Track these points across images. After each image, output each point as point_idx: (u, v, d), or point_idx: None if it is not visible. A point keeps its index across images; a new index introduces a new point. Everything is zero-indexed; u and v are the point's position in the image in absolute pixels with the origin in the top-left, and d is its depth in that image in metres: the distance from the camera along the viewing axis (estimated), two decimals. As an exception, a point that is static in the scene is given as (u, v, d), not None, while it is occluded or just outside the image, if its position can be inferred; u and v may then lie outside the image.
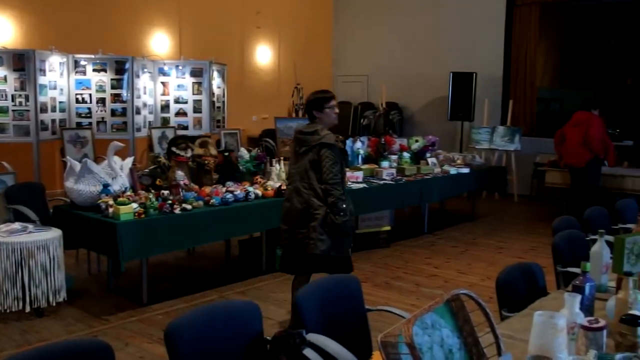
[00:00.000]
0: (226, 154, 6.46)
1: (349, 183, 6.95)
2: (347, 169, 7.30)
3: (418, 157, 8.22)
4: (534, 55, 11.45)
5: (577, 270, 2.65)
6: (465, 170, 8.36)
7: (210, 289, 5.84)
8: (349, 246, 4.61)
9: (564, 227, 4.26)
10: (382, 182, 7.20)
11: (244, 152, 6.59)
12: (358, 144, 7.90)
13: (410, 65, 12.32)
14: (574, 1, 11.75)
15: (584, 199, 7.87)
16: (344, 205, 4.29)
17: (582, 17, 13.18)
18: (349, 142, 7.98)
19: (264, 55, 12.21)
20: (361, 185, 6.93)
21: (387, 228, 7.45)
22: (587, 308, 2.53)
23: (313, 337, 2.67)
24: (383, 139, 8.10)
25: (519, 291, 3.14)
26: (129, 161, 5.73)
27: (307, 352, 2.59)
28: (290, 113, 11.28)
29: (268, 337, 2.69)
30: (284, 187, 6.04)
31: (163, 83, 9.27)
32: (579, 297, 2.23)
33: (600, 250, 2.96)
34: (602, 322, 2.21)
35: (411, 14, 12.44)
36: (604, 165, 8.34)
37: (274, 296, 5.63)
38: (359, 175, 7.18)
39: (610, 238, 3.13)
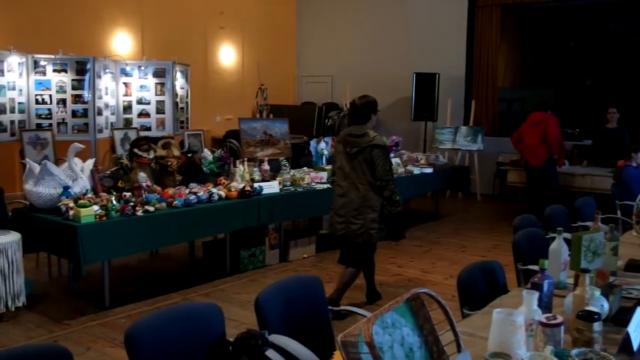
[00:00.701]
0: (189, 155, 6.42)
1: (313, 184, 6.96)
2: (311, 170, 7.34)
3: (382, 157, 8.24)
4: (496, 56, 11.61)
5: (536, 267, 2.69)
6: (429, 170, 8.43)
7: (174, 291, 5.78)
8: (405, 230, 5.35)
9: (525, 225, 4.32)
10: (346, 182, 7.21)
11: (207, 153, 6.56)
12: (322, 145, 7.91)
13: (374, 66, 12.38)
14: (534, 3, 11.93)
15: (543, 197, 8.00)
16: (398, 197, 5.01)
17: (542, 19, 13.42)
18: (312, 142, 8.00)
19: (227, 55, 12.15)
20: (325, 186, 6.94)
21: (352, 228, 7.46)
22: (546, 305, 2.57)
23: (275, 338, 2.67)
24: (347, 140, 8.10)
25: (479, 289, 3.18)
26: (90, 163, 5.65)
27: (269, 353, 2.58)
28: (255, 114, 11.24)
29: (230, 339, 2.67)
30: (248, 188, 6.05)
31: (125, 84, 9.17)
32: (536, 295, 2.26)
33: (558, 248, 3.01)
34: (559, 319, 2.24)
35: (374, 15, 12.50)
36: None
37: (238, 298, 5.60)
38: (324, 175, 7.19)
39: (569, 236, 3.18)
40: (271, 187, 6.37)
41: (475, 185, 10.75)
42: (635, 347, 2.24)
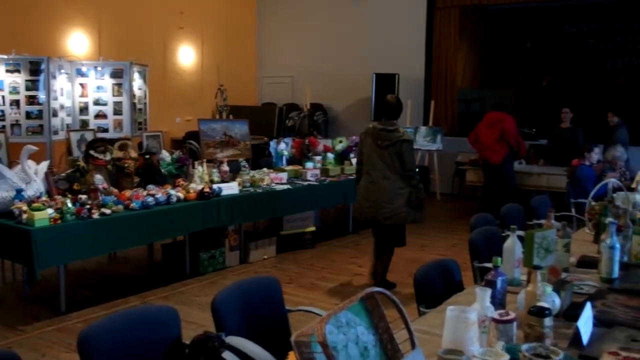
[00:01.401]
0: (147, 156, 6.34)
1: (273, 184, 6.95)
2: (271, 170, 7.33)
3: (342, 157, 8.28)
4: (454, 57, 11.75)
5: (491, 265, 2.72)
6: (389, 170, 8.46)
7: (133, 294, 5.72)
8: (425, 214, 6.03)
9: (481, 224, 4.38)
10: (306, 183, 7.23)
11: (165, 155, 6.49)
12: (282, 146, 7.90)
13: (335, 67, 12.41)
14: (492, 5, 12.10)
15: (501, 196, 8.12)
16: (421, 185, 5.75)
17: (499, 20, 13.62)
18: (272, 143, 7.98)
19: (187, 56, 12.04)
20: (285, 187, 6.93)
21: (312, 229, 7.48)
22: (499, 301, 2.60)
23: (232, 340, 2.65)
24: (307, 140, 8.12)
25: (436, 287, 3.21)
26: (44, 165, 5.54)
27: (226, 354, 2.57)
28: (215, 115, 11.15)
29: (187, 342, 2.65)
30: (206, 189, 6.01)
31: (81, 84, 9.00)
32: (489, 292, 2.29)
33: (512, 245, 3.05)
34: (512, 315, 2.27)
35: (335, 16, 12.53)
36: (518, 161, 8.67)
37: (198, 300, 5.55)
38: (283, 176, 7.18)
39: (523, 233, 3.23)
40: (230, 188, 6.34)
41: (434, 185, 10.86)
42: (584, 341, 2.29)
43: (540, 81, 13.55)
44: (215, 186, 6.18)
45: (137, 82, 9.43)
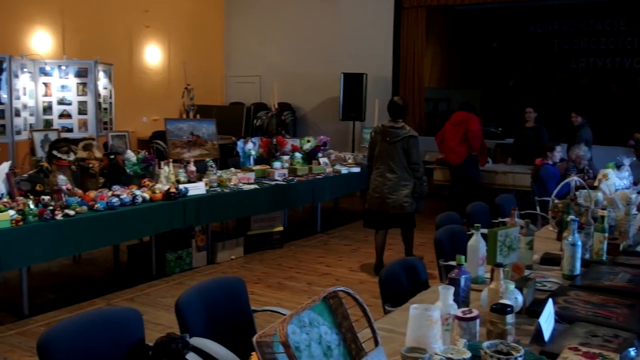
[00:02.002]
0: (112, 156, 6.26)
1: (241, 184, 6.91)
2: (239, 170, 7.29)
3: (310, 157, 8.28)
4: (422, 57, 11.81)
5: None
6: (357, 169, 8.49)
7: (98, 296, 5.65)
8: (424, 206, 6.52)
9: (446, 222, 4.41)
10: (274, 182, 7.20)
11: (130, 155, 6.41)
12: (249, 145, 7.86)
13: (303, 66, 12.40)
14: (458, 5, 12.20)
15: (466, 195, 8.20)
16: (425, 177, 6.36)
17: (466, 20, 13.73)
18: (240, 143, 7.94)
19: (153, 55, 11.92)
20: (253, 187, 6.90)
21: (280, 228, 7.47)
22: (463, 299, 2.63)
23: (196, 341, 2.63)
24: (275, 140, 8.10)
25: (401, 286, 3.22)
26: (5, 166, 5.42)
27: (190, 356, 2.54)
28: (182, 114, 11.05)
29: (150, 344, 2.62)
30: (173, 190, 5.95)
31: (45, 83, 8.86)
32: (452, 290, 2.30)
33: (476, 243, 3.08)
34: (475, 312, 2.29)
35: (302, 15, 12.52)
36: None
37: (164, 301, 5.50)
38: (251, 176, 7.15)
39: (487, 231, 3.26)
40: (197, 189, 6.29)
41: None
42: (546, 337, 2.31)
43: (506, 81, 13.69)
44: (181, 186, 6.12)
45: (102, 81, 9.32)
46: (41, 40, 9.96)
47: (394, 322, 2.61)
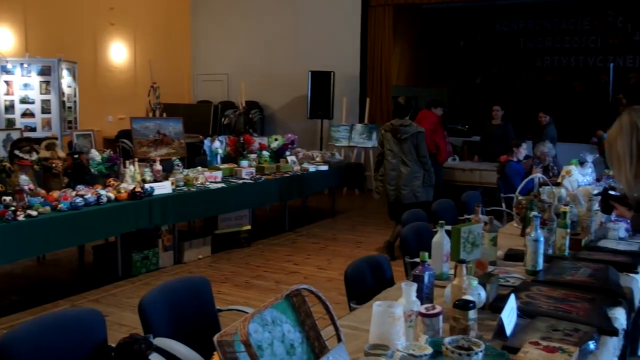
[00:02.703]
0: (76, 156, 6.16)
1: (208, 183, 6.87)
2: (206, 169, 7.24)
3: (278, 155, 8.25)
4: (389, 55, 11.86)
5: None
6: (324, 167, 8.50)
7: (63, 298, 5.57)
8: (432, 194, 6.96)
9: (412, 220, 4.43)
10: (241, 181, 7.16)
11: (95, 154, 6.31)
12: (216, 144, 7.81)
13: (270, 64, 12.37)
14: (425, 4, 12.27)
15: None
16: (432, 169, 7.02)
17: (433, 19, 13.83)
18: (207, 141, 7.89)
19: (118, 53, 11.77)
20: (220, 185, 6.85)
21: (248, 227, 7.44)
22: (427, 296, 2.64)
23: (160, 341, 2.61)
24: (242, 138, 8.06)
25: (367, 283, 3.23)
26: (-35, 166, 5.32)
27: (154, 357, 2.52)
28: (148, 113, 10.95)
29: (112, 345, 2.58)
30: (138, 189, 5.88)
31: (7, 82, 8.70)
32: (414, 286, 2.31)
33: (440, 240, 3.09)
34: (438, 309, 2.30)
35: (270, 13, 12.49)
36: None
37: (130, 302, 5.43)
38: (218, 175, 7.10)
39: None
40: (163, 188, 6.23)
41: (371, 182, 10.94)
42: (508, 332, 2.34)
43: (473, 79, 13.82)
44: (147, 186, 6.05)
45: (66, 80, 9.19)
46: (3, 37, 9.77)
47: (358, 319, 2.61)
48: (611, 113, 9.70)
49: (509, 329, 2.35)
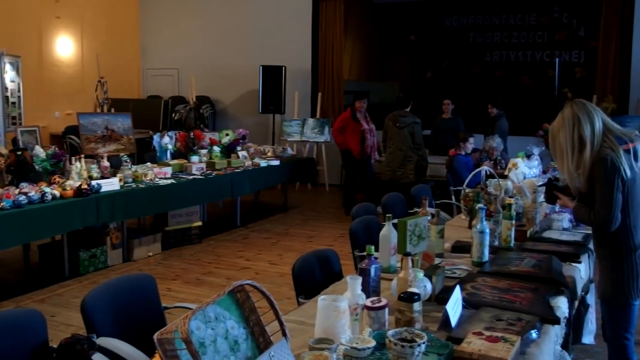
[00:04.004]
0: (19, 152, 5.99)
1: (157, 179, 6.77)
2: (155, 165, 7.13)
3: (229, 150, 8.19)
4: (340, 49, 11.87)
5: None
6: (276, 162, 8.46)
7: (7, 299, 5.42)
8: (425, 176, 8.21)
9: (362, 213, 4.44)
10: (191, 177, 7.08)
11: (39, 151, 6.15)
12: (166, 139, 7.71)
13: (221, 59, 12.26)
14: (376, -2, 12.32)
15: (360, 186, 8.86)
16: (426, 155, 8.29)
17: (383, 14, 13.89)
18: (156, 137, 7.78)
19: (65, 47, 11.49)
20: (169, 181, 6.75)
21: (199, 223, 7.36)
22: (374, 289, 2.64)
23: (103, 341, 2.55)
24: (192, 134, 7.97)
25: (315, 278, 3.22)
26: None
27: (97, 357, 2.47)
28: (96, 108, 10.72)
29: (54, 346, 2.52)
30: (84, 186, 5.75)
31: (-54, 77, 8.41)
32: (359, 280, 2.31)
33: (387, 233, 3.10)
34: (383, 302, 2.31)
35: (220, 6, 12.36)
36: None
37: (77, 302, 5.24)
38: (168, 171, 7.00)
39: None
40: (111, 184, 6.11)
41: (323, 176, 10.97)
42: (453, 323, 2.36)
43: (424, 73, 13.93)
44: (94, 182, 5.92)
45: (10, 74, 8.92)
46: (-58, 31, 9.46)
47: (305, 314, 2.61)
48: (557, 107, 9.91)
49: (454, 320, 2.37)
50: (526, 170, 5.28)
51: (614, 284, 3.07)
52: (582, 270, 3.37)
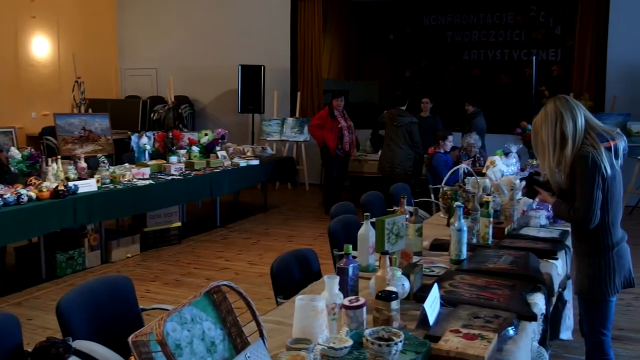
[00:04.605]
0: (-6, 154, 5.92)
1: (135, 180, 6.71)
2: (133, 166, 7.08)
3: (208, 150, 8.14)
4: (319, 49, 11.86)
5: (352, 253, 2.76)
6: (255, 162, 8.44)
7: (-18, 302, 5.35)
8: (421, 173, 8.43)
9: (341, 212, 4.44)
10: (170, 177, 7.03)
11: (15, 152, 6.07)
12: (144, 140, 7.64)
13: (200, 58, 12.19)
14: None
15: (329, 184, 8.97)
16: (423, 152, 8.31)
17: (362, 13, 13.91)
18: (134, 137, 7.72)
19: (41, 47, 11.36)
20: (148, 182, 6.70)
21: (178, 224, 7.32)
22: (352, 288, 2.65)
23: (79, 344, 2.53)
24: (171, 134, 7.92)
25: (294, 278, 3.21)
26: None
27: (72, 360, 2.44)
28: (73, 109, 10.62)
29: (29, 350, 2.49)
30: (61, 188, 5.69)
31: None
32: (337, 279, 2.31)
33: (366, 232, 3.10)
34: (361, 301, 2.31)
35: (198, 6, 12.30)
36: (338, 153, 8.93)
37: (54, 305, 5.18)
38: (146, 171, 6.95)
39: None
40: (88, 186, 6.04)
41: (303, 175, 10.96)
42: (431, 321, 2.36)
43: (403, 72, 13.97)
44: (71, 184, 5.86)
45: (-15, 75, 8.81)
46: None
47: (284, 313, 2.60)
48: (534, 105, 9.99)
49: (431, 318, 2.38)
50: (504, 167, 5.32)
51: (590, 280, 3.09)
52: (559, 267, 3.39)
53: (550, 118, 3.03)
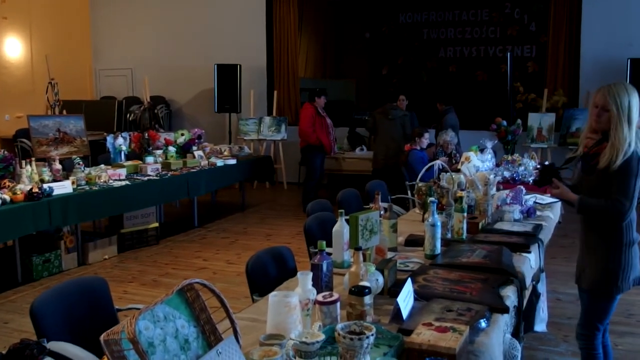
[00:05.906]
0: (-34, 157, 5.85)
1: (111, 181, 6.68)
2: (109, 167, 7.04)
3: (184, 150, 8.12)
4: (295, 47, 11.88)
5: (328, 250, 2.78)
6: (232, 161, 8.42)
7: (-44, 307, 5.29)
8: None
9: (317, 210, 4.46)
10: (146, 178, 7.00)
11: (-13, 155, 6.01)
12: (120, 141, 7.60)
13: (175, 58, 12.14)
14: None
15: (311, 183, 8.94)
16: None
17: (338, 11, 13.95)
18: (109, 138, 7.67)
19: (13, 48, 11.24)
20: (124, 183, 6.66)
21: (155, 225, 7.29)
22: (326, 284, 2.66)
23: (54, 345, 2.51)
24: (146, 134, 7.88)
25: (269, 275, 3.22)
26: None
27: (47, 361, 2.42)
28: (47, 110, 10.52)
29: (2, 352, 2.47)
30: (35, 190, 5.65)
31: None
32: (310, 275, 2.32)
33: (340, 229, 3.12)
34: (335, 296, 2.33)
35: (173, 5, 12.24)
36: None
37: (30, 307, 5.21)
38: (122, 172, 6.92)
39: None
40: (63, 187, 6.00)
41: (281, 174, 10.96)
42: (404, 316, 2.39)
43: (380, 70, 14.02)
44: (45, 186, 5.81)
45: (-44, 77, 8.70)
46: None
47: (258, 311, 2.60)
48: (509, 101, 10.09)
49: (405, 312, 2.40)
50: (479, 163, 5.37)
51: (608, 275, 3.13)
52: (532, 260, 3.43)
53: (631, 91, 3.00)
